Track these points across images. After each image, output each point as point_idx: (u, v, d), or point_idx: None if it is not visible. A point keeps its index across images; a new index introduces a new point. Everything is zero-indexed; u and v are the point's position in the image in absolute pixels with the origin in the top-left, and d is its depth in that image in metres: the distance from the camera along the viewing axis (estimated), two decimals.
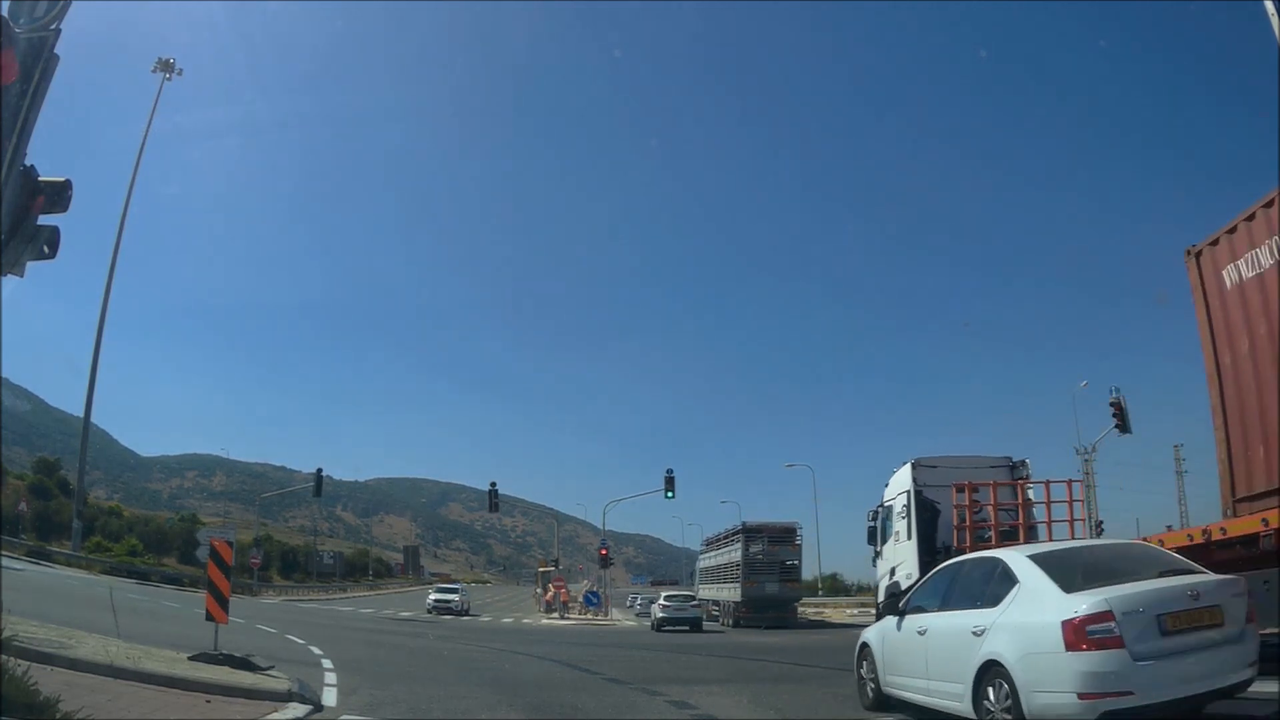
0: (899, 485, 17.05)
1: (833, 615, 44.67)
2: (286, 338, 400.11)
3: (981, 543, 14.27)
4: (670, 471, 41.01)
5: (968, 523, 14.75)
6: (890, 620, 8.52)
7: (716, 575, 40.10)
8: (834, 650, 18.74)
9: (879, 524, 18.04)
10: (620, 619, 43.50)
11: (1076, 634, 5.74)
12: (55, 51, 5.95)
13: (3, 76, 4.97)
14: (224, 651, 9.82)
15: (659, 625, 31.07)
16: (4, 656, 6.28)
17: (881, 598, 16.09)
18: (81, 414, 46.68)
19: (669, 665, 15.74)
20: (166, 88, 46.74)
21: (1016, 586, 6.63)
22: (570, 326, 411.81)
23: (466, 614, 41.79)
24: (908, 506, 16.26)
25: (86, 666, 8.35)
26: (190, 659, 9.62)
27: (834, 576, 67.32)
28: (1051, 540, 13.40)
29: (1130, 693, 5.62)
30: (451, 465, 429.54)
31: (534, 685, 11.75)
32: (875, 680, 8.58)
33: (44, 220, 5.98)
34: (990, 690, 6.33)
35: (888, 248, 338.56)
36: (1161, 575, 6.45)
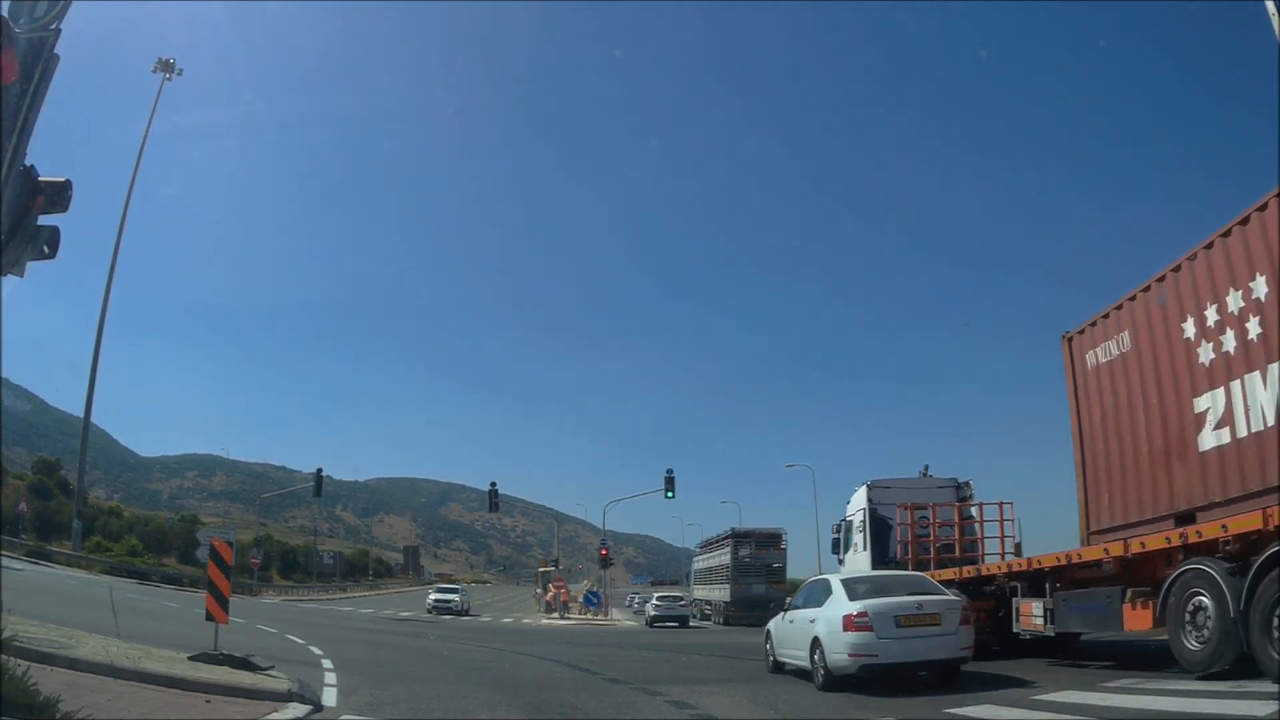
0: (857, 503, 18.62)
1: None
2: (286, 338, 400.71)
3: (924, 555, 16.51)
4: (670, 471, 41.04)
5: (910, 538, 16.66)
6: (780, 615, 13.01)
7: (708, 577, 42.81)
8: None
9: (841, 536, 19.64)
10: (620, 619, 43.49)
11: (848, 622, 10.29)
12: (55, 51, 5.96)
13: (3, 76, 4.97)
14: (224, 651, 9.81)
15: (651, 622, 34.01)
16: (4, 656, 6.28)
17: None
18: (81, 414, 46.72)
19: (669, 665, 15.74)
20: (166, 88, 46.73)
21: (830, 596, 11.25)
22: (570, 326, 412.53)
23: (466, 614, 41.79)
24: (864, 523, 17.92)
25: (86, 666, 8.35)
26: (190, 659, 9.62)
27: None
28: (984, 553, 16.29)
29: (875, 655, 10.10)
30: (451, 465, 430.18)
31: (534, 685, 11.75)
32: (772, 653, 12.99)
33: (44, 220, 5.98)
34: (815, 653, 10.82)
35: (888, 247, 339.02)
36: (910, 594, 10.79)
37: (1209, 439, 10.10)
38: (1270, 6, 10.08)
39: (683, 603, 36.49)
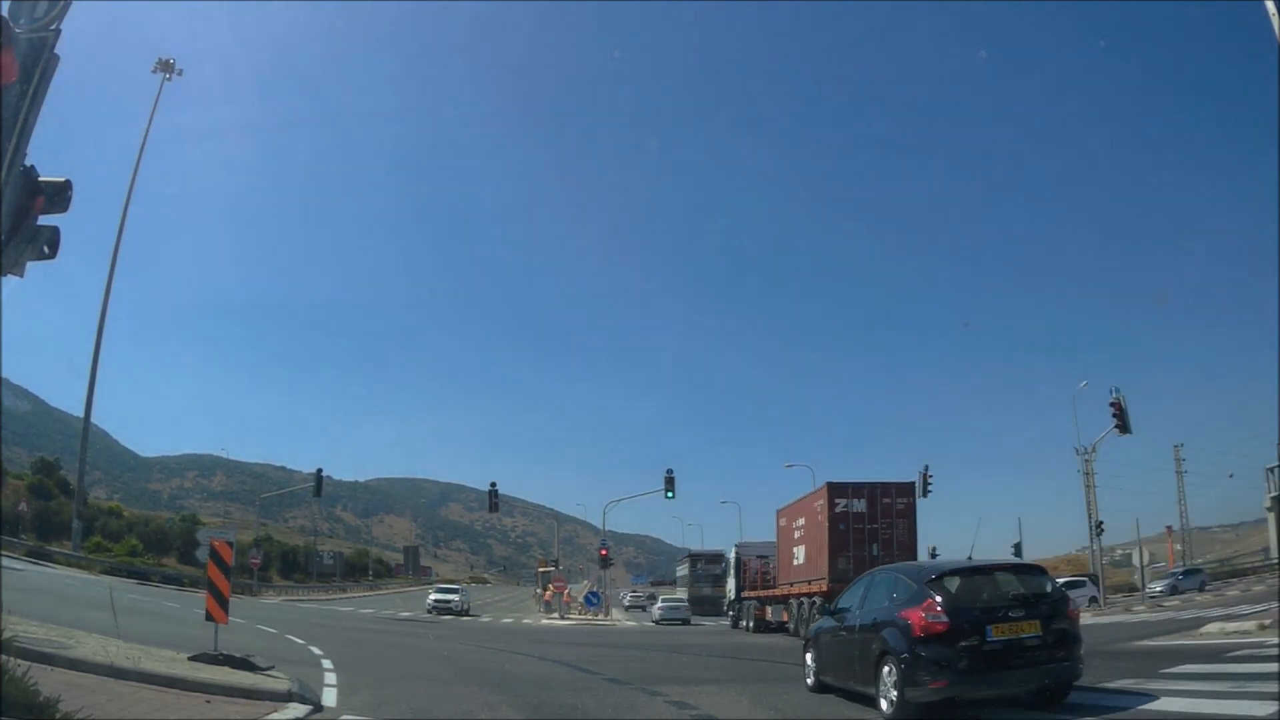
0: (730, 553, 38.61)
1: None
2: (286, 338, 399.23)
3: (753, 589, 31.92)
4: (670, 472, 41.21)
5: (746, 577, 33.39)
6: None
7: (682, 581, 60.45)
8: None
9: (725, 567, 39.88)
10: (620, 619, 43.53)
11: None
12: (55, 52, 5.97)
13: (3, 76, 4.97)
14: (224, 652, 9.82)
15: (659, 620, 39.68)
16: (4, 657, 6.28)
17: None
18: (81, 414, 46.74)
19: (669, 666, 15.75)
20: (167, 88, 46.82)
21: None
22: (571, 327, 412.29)
23: (466, 614, 41.80)
24: (732, 563, 36.94)
25: (87, 667, 8.35)
26: (190, 659, 9.62)
27: None
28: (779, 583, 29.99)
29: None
30: (452, 465, 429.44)
31: (534, 685, 11.74)
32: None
33: (44, 220, 5.99)
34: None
35: (889, 247, 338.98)
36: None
37: (800, 557, 26.70)
38: (1270, 6, 10.11)
39: (685, 604, 42.50)
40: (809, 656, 11.05)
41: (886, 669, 8.32)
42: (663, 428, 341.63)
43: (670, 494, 41.06)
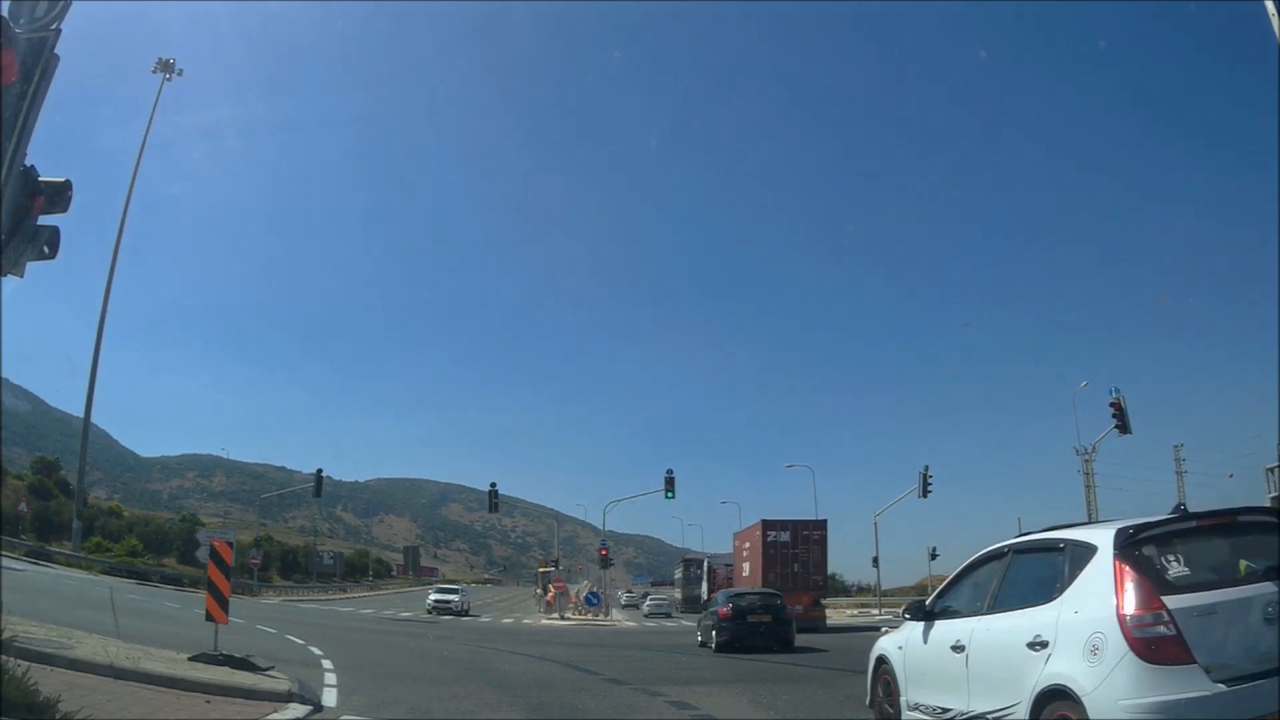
0: (705, 563, 52.32)
1: (833, 616, 44.61)
2: (286, 337, 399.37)
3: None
4: (670, 472, 41.21)
5: (715, 581, 44.53)
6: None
7: (678, 583, 66.09)
8: (831, 651, 18.77)
9: (702, 572, 50.86)
10: (620, 619, 43.52)
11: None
12: (55, 52, 5.96)
13: (3, 76, 4.96)
14: (224, 652, 9.81)
15: (647, 615, 47.66)
16: (4, 657, 6.27)
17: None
18: (81, 414, 46.69)
19: (669, 666, 15.75)
20: (167, 88, 46.72)
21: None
22: (570, 328, 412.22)
23: (466, 614, 41.79)
24: (705, 570, 50.68)
25: (86, 667, 8.34)
26: (190, 659, 9.62)
27: (833, 576, 67.47)
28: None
29: None
30: (451, 465, 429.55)
31: (534, 686, 11.74)
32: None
33: (44, 220, 5.98)
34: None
35: (890, 248, 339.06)
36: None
37: (746, 570, 35.05)
38: (1270, 6, 10.09)
39: (666, 600, 53.55)
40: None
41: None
42: (663, 428, 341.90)
43: (670, 494, 41.05)
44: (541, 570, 60.15)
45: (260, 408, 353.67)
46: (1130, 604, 4.61)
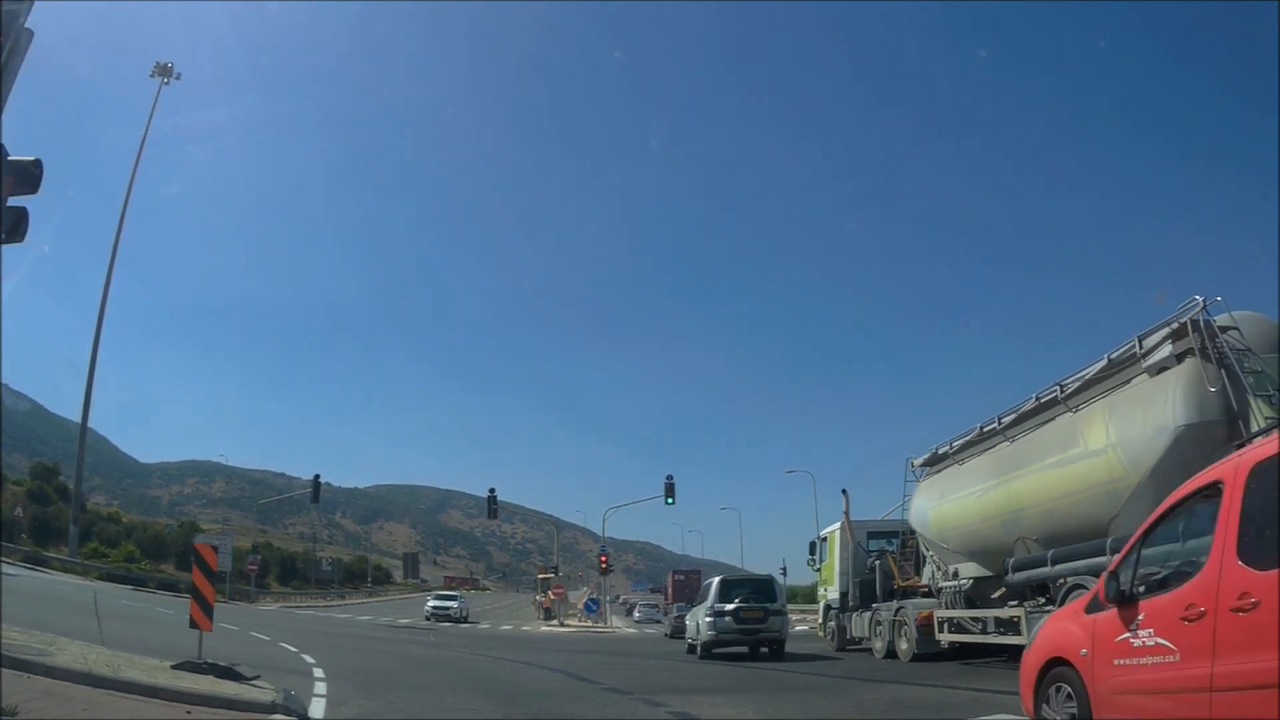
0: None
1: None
2: (287, 342, 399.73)
3: None
4: (670, 478, 41.05)
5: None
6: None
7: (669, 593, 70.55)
8: (834, 659, 18.44)
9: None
10: (620, 626, 43.15)
11: None
12: (28, 26, 5.69)
13: None
14: (209, 660, 9.48)
15: (639, 621, 51.68)
16: None
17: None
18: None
19: (669, 674, 15.40)
20: (166, 89, 46.71)
21: None
22: (570, 331, 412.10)
23: (465, 621, 41.45)
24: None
25: (64, 674, 8.01)
26: (173, 667, 9.28)
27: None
28: None
29: None
30: (451, 472, 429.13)
31: (533, 694, 11.41)
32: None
33: (14, 202, 5.71)
34: None
35: (890, 248, 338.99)
36: None
37: None
38: None
39: (656, 607, 56.66)
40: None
41: None
42: (663, 433, 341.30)
43: (670, 500, 40.79)
44: (541, 577, 59.84)
45: (260, 414, 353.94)
46: None
